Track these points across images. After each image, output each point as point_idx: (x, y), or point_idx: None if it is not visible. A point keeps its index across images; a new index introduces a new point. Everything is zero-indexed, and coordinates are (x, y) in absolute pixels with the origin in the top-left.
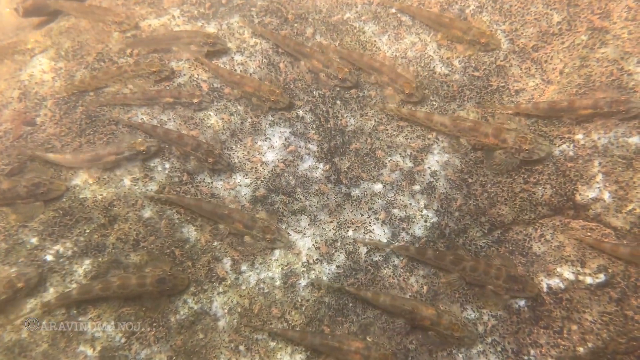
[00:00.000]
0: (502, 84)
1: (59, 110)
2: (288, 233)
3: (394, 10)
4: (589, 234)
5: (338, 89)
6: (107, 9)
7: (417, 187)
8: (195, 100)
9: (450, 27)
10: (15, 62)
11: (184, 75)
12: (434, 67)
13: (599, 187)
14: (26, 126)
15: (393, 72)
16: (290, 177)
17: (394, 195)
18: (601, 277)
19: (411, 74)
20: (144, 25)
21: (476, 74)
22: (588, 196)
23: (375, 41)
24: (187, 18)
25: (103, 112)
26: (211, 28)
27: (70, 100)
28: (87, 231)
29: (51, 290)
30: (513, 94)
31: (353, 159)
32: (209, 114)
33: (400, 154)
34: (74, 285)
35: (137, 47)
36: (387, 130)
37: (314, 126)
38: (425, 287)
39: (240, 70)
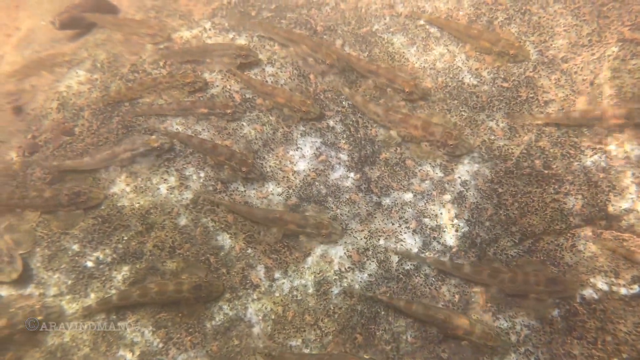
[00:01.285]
0: (531, 95)
1: (96, 120)
2: (340, 224)
3: (422, 22)
4: (622, 244)
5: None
6: (141, 22)
7: (447, 197)
8: (228, 111)
9: (479, 38)
10: (53, 73)
11: (217, 86)
12: (462, 78)
13: (632, 198)
14: (65, 136)
15: (391, 73)
16: (322, 186)
17: (425, 204)
18: (636, 288)
19: (408, 73)
20: (176, 38)
21: (505, 84)
22: (621, 207)
23: (403, 52)
24: (218, 30)
25: (139, 122)
26: (242, 40)
27: (106, 110)
28: (125, 238)
29: (92, 295)
30: (542, 104)
31: (383, 168)
32: (242, 124)
33: (430, 163)
34: (113, 291)
35: (171, 58)
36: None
37: (345, 136)
38: (457, 296)
39: (272, 82)
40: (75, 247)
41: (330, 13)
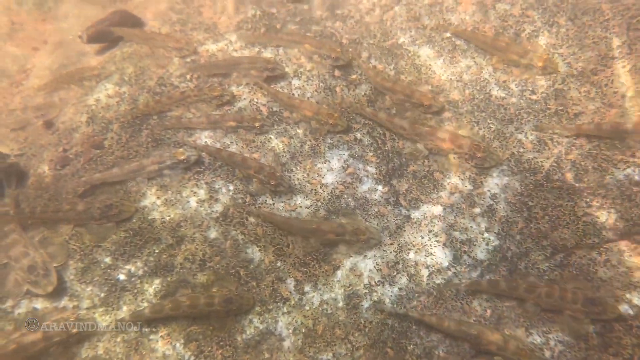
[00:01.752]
0: (561, 107)
1: (125, 133)
2: (377, 228)
3: (448, 35)
4: None
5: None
6: (167, 35)
7: (477, 210)
8: (257, 124)
9: (507, 51)
10: (81, 87)
11: (244, 99)
12: (490, 90)
13: None
14: (95, 149)
15: (407, 89)
16: (350, 199)
17: (454, 217)
18: None
19: (434, 85)
20: (202, 51)
21: (533, 97)
22: None
23: (430, 65)
24: (244, 43)
25: (168, 136)
26: (268, 53)
27: (135, 123)
28: (157, 251)
29: (124, 308)
30: (572, 117)
31: (411, 181)
32: (270, 137)
33: (459, 176)
34: (145, 304)
35: (198, 72)
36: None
37: (372, 149)
38: (488, 311)
39: (298, 94)
40: (108, 259)
41: (355, 26)
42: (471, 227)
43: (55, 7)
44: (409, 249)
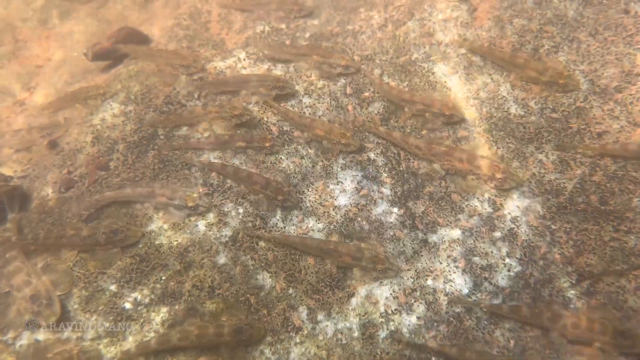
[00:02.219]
0: (583, 126)
1: (131, 154)
2: (396, 260)
3: (464, 51)
4: None
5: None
6: (174, 52)
7: (497, 234)
8: (267, 144)
9: (525, 67)
10: (86, 106)
11: (254, 118)
12: (508, 108)
13: None
14: (100, 171)
15: (428, 99)
16: (364, 222)
17: (474, 242)
18: None
19: (449, 98)
20: (210, 68)
21: (554, 115)
22: None
23: (445, 82)
24: (252, 60)
25: (175, 157)
26: (278, 71)
27: (141, 144)
28: (164, 278)
29: (130, 339)
30: (595, 136)
31: (428, 203)
32: (280, 158)
33: (477, 198)
34: (152, 334)
35: (206, 90)
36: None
37: (386, 169)
38: (512, 342)
39: (309, 113)
40: (113, 287)
41: (367, 42)
42: (492, 252)
43: (60, 23)
44: (427, 275)
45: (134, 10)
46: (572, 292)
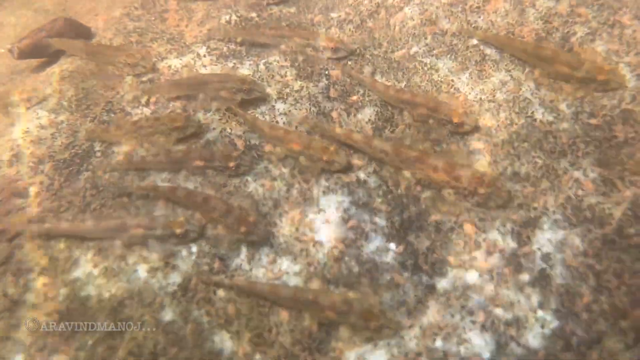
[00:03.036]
0: (632, 135)
1: (59, 176)
2: (395, 316)
3: (475, 42)
4: None
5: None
6: (119, 49)
7: (525, 277)
8: (231, 164)
9: (554, 61)
10: (7, 115)
11: (214, 129)
12: (532, 112)
13: None
14: (17, 198)
15: (432, 101)
16: (353, 263)
17: (495, 288)
18: None
19: (458, 101)
20: (163, 67)
21: (593, 121)
22: None
23: (452, 81)
24: (215, 57)
25: (112, 180)
26: (245, 69)
27: (73, 162)
28: (90, 342)
29: None
30: None
31: (434, 236)
32: (246, 180)
33: (497, 229)
34: None
35: (156, 94)
36: None
37: (380, 192)
38: None
39: (284, 123)
40: (20, 358)
41: (355, 33)
42: (518, 301)
43: None
44: (435, 334)
45: None
46: (628, 355)
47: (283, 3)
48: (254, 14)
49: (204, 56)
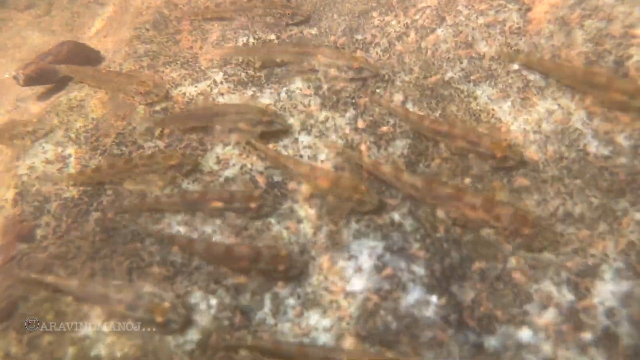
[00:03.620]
0: None
1: (66, 217)
2: None
3: (516, 67)
4: None
5: None
6: (130, 76)
7: (587, 336)
8: (252, 205)
9: (607, 88)
10: (12, 147)
11: (234, 165)
12: (585, 145)
13: None
14: (21, 242)
15: (472, 133)
16: (390, 317)
17: (553, 348)
18: None
19: (500, 132)
20: (177, 95)
21: None
22: None
23: (492, 109)
24: (232, 84)
25: (124, 223)
26: (265, 98)
27: (81, 202)
28: None
29: None
30: None
31: (479, 286)
32: (270, 222)
33: (551, 278)
34: None
35: (169, 125)
36: None
37: (418, 237)
38: None
39: (309, 157)
40: None
41: (383, 56)
42: None
43: None
44: None
45: (86, 18)
46: None
47: (304, 24)
48: (272, 36)
49: (221, 83)
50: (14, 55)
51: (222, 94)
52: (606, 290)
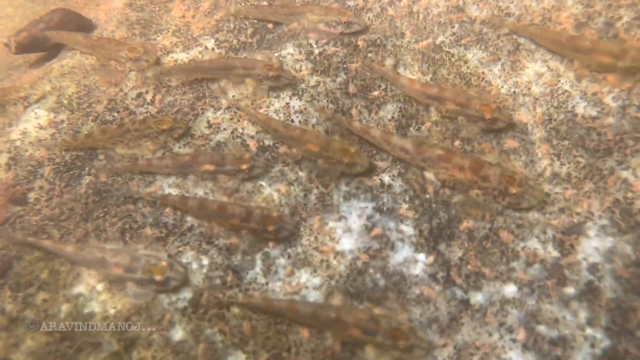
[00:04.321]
0: None
1: (59, 180)
2: (426, 334)
3: (507, 30)
4: None
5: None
6: (121, 42)
7: (570, 291)
8: (244, 167)
9: (592, 51)
10: (4, 114)
11: (224, 130)
12: (573, 107)
13: None
14: (14, 205)
15: (462, 96)
16: (378, 275)
17: (537, 302)
18: None
19: (490, 95)
20: (168, 61)
21: None
22: None
23: (483, 73)
24: (224, 49)
25: (117, 186)
26: (258, 58)
27: (74, 166)
28: None
29: None
30: None
31: (467, 244)
32: (261, 185)
33: (537, 236)
34: None
35: (175, 75)
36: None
37: (407, 198)
38: None
39: (300, 122)
40: None
41: (375, 22)
42: (564, 317)
43: None
44: (471, 354)
45: None
46: None
47: None
48: (265, 3)
49: (213, 49)
50: (6, 24)
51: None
52: (590, 247)
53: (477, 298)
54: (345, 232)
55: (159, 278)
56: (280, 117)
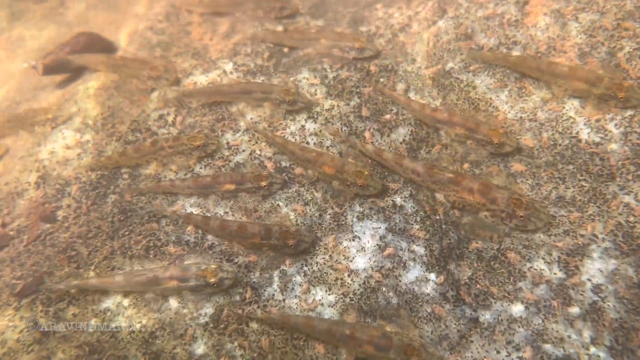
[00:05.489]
0: None
1: (86, 199)
2: (437, 351)
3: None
4: None
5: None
6: (143, 62)
7: (575, 310)
8: (263, 184)
9: (569, 77)
10: (33, 134)
11: (243, 151)
12: (577, 133)
13: None
14: (45, 223)
15: (470, 121)
16: (391, 294)
17: (543, 322)
18: None
19: (498, 120)
20: (188, 84)
21: None
22: None
23: (490, 99)
24: (242, 73)
25: (141, 205)
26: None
27: (99, 185)
28: None
29: None
30: None
31: (476, 264)
32: (278, 204)
33: (543, 257)
34: None
35: (195, 97)
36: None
37: (418, 218)
38: None
39: (315, 144)
40: None
41: (386, 47)
42: (569, 336)
43: (9, 27)
44: None
45: (100, 10)
46: None
47: (292, 17)
48: (280, 28)
49: (231, 72)
50: (31, 46)
51: None
52: (594, 268)
53: (485, 316)
54: (359, 252)
55: (213, 280)
56: (296, 140)
